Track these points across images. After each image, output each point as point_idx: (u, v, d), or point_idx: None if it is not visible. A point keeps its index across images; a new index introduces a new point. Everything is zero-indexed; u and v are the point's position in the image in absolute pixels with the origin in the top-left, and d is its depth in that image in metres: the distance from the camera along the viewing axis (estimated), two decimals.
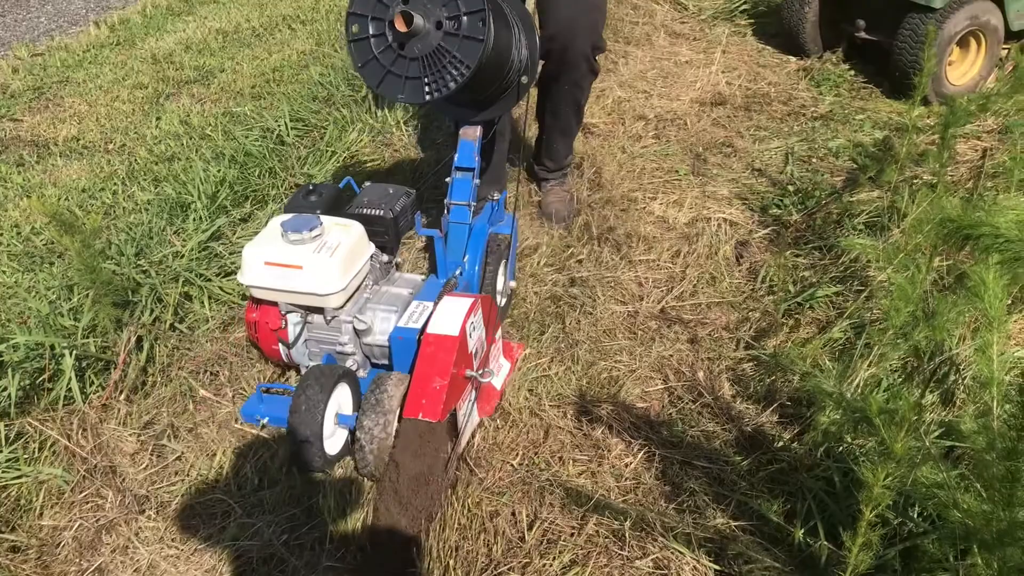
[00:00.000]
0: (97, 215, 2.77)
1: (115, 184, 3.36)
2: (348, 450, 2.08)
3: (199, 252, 2.84)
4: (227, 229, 2.97)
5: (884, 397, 2.04)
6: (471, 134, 2.34)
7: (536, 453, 2.10)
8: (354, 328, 2.16)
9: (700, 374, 2.34)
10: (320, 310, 2.15)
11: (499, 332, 2.32)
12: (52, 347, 2.29)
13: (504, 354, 2.35)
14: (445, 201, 2.35)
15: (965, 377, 2.09)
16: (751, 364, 2.38)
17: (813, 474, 1.93)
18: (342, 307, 2.15)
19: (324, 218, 2.15)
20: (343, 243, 2.09)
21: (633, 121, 3.95)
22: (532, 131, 3.35)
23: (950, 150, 2.67)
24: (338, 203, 2.31)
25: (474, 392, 2.10)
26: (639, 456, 2.07)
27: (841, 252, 2.72)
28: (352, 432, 2.00)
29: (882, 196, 3.00)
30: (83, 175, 3.50)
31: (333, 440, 2.02)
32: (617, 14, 5.03)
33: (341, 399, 2.05)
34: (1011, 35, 4.06)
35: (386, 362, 2.19)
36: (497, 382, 2.27)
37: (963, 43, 3.96)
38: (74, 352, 2.27)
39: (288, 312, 2.18)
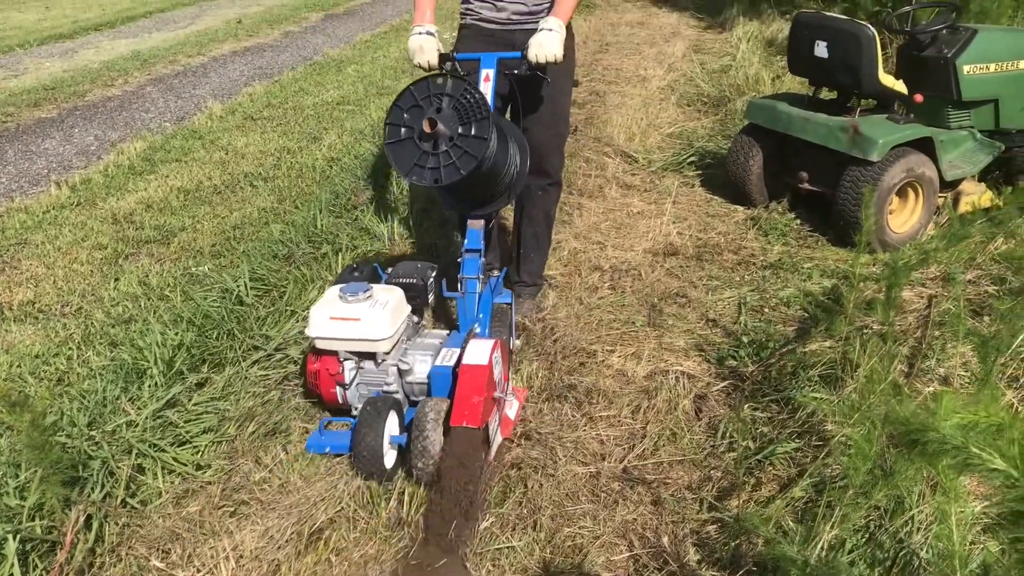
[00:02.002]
0: (49, 387, 2.73)
1: (70, 349, 3.33)
2: (399, 464, 2.63)
3: (153, 421, 2.79)
4: (183, 396, 2.93)
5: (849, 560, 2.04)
6: (477, 224, 2.99)
7: None
8: (398, 369, 2.76)
9: (665, 539, 2.32)
10: (372, 356, 2.76)
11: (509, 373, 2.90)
12: None
13: (515, 395, 2.94)
14: (458, 276, 2.95)
15: (927, 539, 2.09)
16: (715, 527, 2.35)
17: None
18: (389, 352, 2.76)
19: (372, 284, 2.82)
20: (390, 301, 2.77)
21: (589, 272, 4.04)
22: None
23: (895, 307, 2.74)
24: (375, 278, 3.00)
25: (498, 414, 2.66)
26: None
27: (798, 406, 2.75)
28: (406, 447, 2.57)
29: (834, 347, 3.06)
30: (37, 340, 3.46)
31: (388, 457, 2.58)
32: (570, 167, 5.20)
33: (392, 424, 2.62)
34: (946, 185, 4.27)
35: (424, 398, 2.69)
36: (511, 412, 2.82)
37: (902, 193, 4.15)
38: (18, 535, 2.19)
39: (345, 359, 2.74)
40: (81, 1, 12.76)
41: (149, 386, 2.96)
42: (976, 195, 4.34)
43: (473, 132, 2.58)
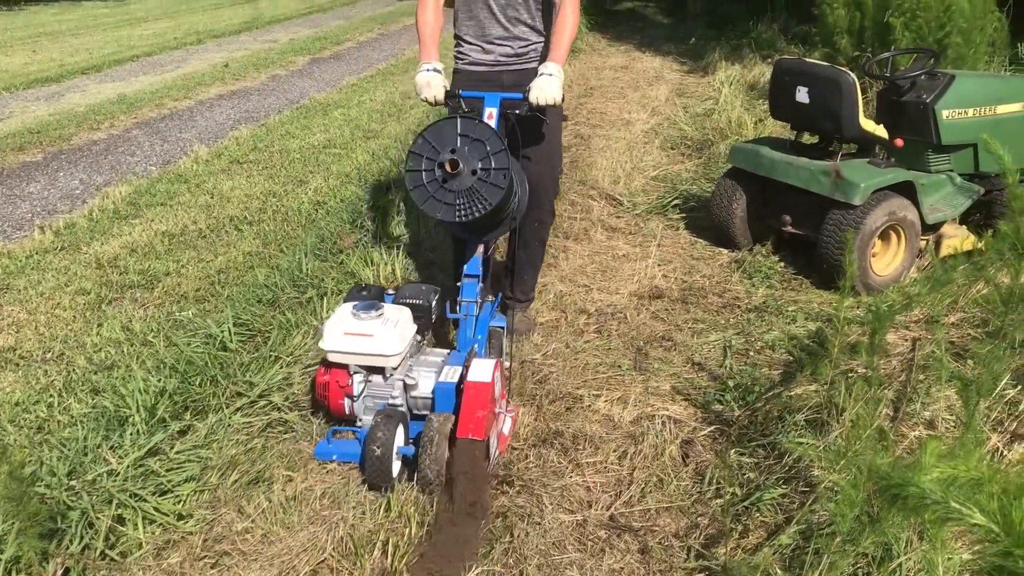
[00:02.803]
0: (28, 435, 2.69)
1: (51, 396, 3.29)
2: (402, 473, 2.78)
3: (135, 470, 2.75)
4: (165, 444, 2.90)
5: None
6: (478, 251, 3.20)
7: None
8: (404, 384, 2.93)
9: None
10: (381, 371, 2.93)
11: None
12: None
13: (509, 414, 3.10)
14: (458, 299, 3.16)
15: None
16: (703, 575, 2.33)
17: None
18: (397, 368, 2.95)
19: (382, 304, 3.00)
20: (400, 319, 2.95)
21: (575, 315, 4.04)
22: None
23: (879, 351, 2.75)
24: (381, 298, 3.17)
25: (497, 428, 2.86)
26: None
27: (784, 451, 2.74)
28: (413, 457, 2.71)
29: (820, 391, 3.07)
30: (17, 387, 3.42)
31: (395, 466, 2.71)
32: (557, 210, 5.22)
33: (399, 436, 2.76)
34: (928, 228, 4.31)
35: (427, 412, 2.88)
36: (506, 429, 3.00)
37: (884, 236, 4.18)
38: None
39: (355, 373, 2.93)
40: (68, 45, 12.83)
41: (131, 434, 2.93)
42: (958, 238, 4.38)
43: (494, 165, 2.83)
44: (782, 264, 4.54)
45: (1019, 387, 3.01)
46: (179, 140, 7.33)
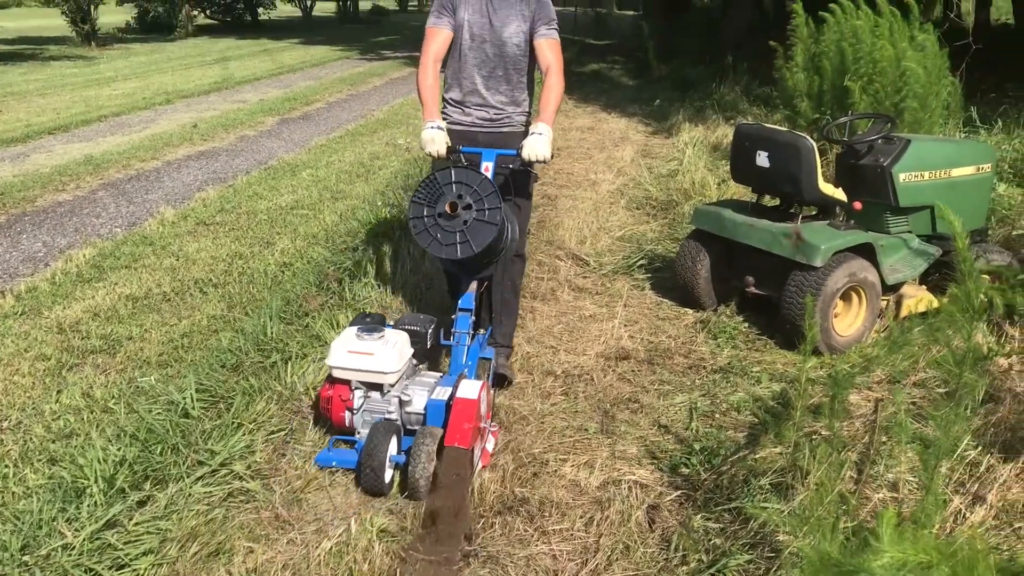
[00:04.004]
0: None
1: (6, 467, 3.21)
2: (394, 480, 3.10)
3: (91, 543, 2.69)
4: (123, 516, 2.84)
5: None
6: (472, 287, 3.55)
7: None
8: (400, 400, 3.25)
9: None
10: (379, 387, 3.29)
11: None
12: None
13: (491, 434, 3.41)
14: (452, 329, 3.49)
15: None
16: None
17: None
18: (394, 385, 3.29)
19: (384, 328, 3.33)
20: (399, 341, 3.32)
21: (542, 378, 4.04)
22: None
23: (841, 414, 2.78)
24: (383, 324, 3.40)
25: (481, 443, 3.16)
26: None
27: (750, 515, 2.74)
28: (403, 466, 3.04)
29: (784, 453, 3.08)
30: None
31: (388, 473, 3.03)
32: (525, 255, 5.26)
33: (393, 446, 3.07)
34: (888, 288, 4.38)
35: (419, 427, 3.13)
36: (489, 446, 3.31)
37: (846, 297, 4.25)
38: None
39: (356, 388, 3.27)
40: (35, 105, 12.80)
41: (88, 505, 2.86)
42: (917, 298, 4.46)
43: (487, 207, 3.22)
44: (746, 324, 4.58)
45: (979, 447, 3.05)
46: (145, 201, 7.29)
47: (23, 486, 3.08)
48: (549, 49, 3.74)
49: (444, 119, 3.83)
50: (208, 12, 32.07)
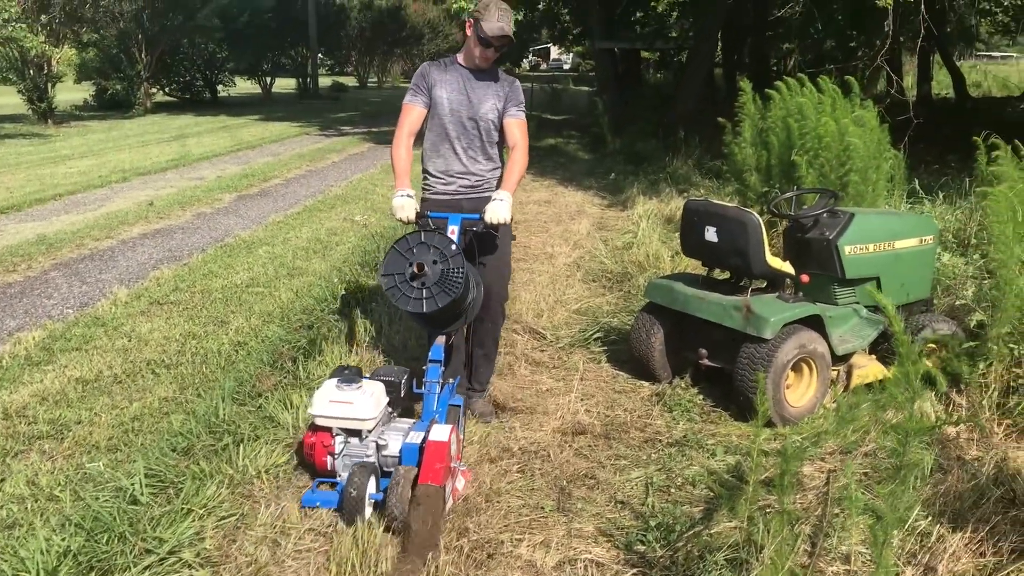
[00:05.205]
0: None
1: None
2: (374, 515, 3.35)
3: None
4: None
5: None
6: (440, 340, 3.83)
7: None
8: (377, 444, 3.56)
9: None
10: (358, 433, 3.60)
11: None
12: None
13: (462, 474, 3.69)
14: (424, 379, 3.76)
15: None
16: None
17: None
18: (372, 431, 3.61)
19: (361, 378, 3.62)
20: (376, 391, 3.63)
21: (499, 455, 4.02)
22: None
23: (791, 489, 2.80)
24: (360, 375, 3.66)
25: (451, 481, 3.44)
26: None
27: None
28: (382, 502, 3.34)
29: (739, 527, 3.08)
30: None
31: (367, 510, 3.32)
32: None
33: (371, 485, 3.36)
34: (838, 359, 4.46)
35: (395, 467, 3.40)
36: (459, 485, 3.59)
37: (797, 368, 4.31)
38: None
39: (337, 435, 3.58)
40: None
41: None
42: (867, 368, 4.54)
43: (452, 267, 3.54)
44: (701, 396, 4.62)
45: (929, 518, 3.08)
46: (99, 281, 7.22)
47: None
48: (517, 128, 4.17)
49: (427, 190, 4.28)
50: (167, 89, 32.20)
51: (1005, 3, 14.15)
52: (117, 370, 5.05)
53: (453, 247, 3.60)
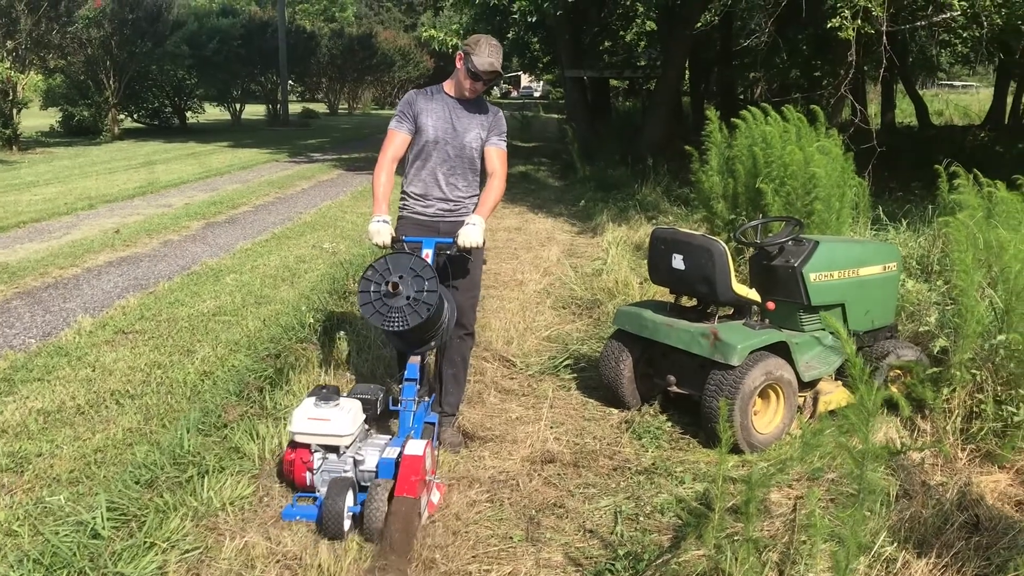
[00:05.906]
0: None
1: None
2: (351, 527, 3.45)
3: None
4: None
5: None
6: (415, 360, 3.94)
7: None
8: (354, 459, 3.69)
9: None
10: (335, 449, 3.70)
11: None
12: None
13: (437, 487, 3.79)
14: (400, 397, 3.89)
15: None
16: None
17: None
18: (349, 447, 3.70)
19: (339, 396, 3.76)
20: (352, 408, 3.77)
21: (468, 485, 4.00)
22: None
23: (757, 516, 2.80)
24: (338, 394, 3.79)
25: (427, 495, 3.56)
26: None
27: None
28: (359, 515, 3.43)
29: (707, 555, 3.08)
30: None
31: (346, 522, 3.41)
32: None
33: (349, 498, 3.45)
34: (805, 385, 4.49)
35: (372, 481, 3.54)
36: (435, 498, 3.71)
37: (764, 395, 4.34)
38: None
39: (316, 451, 3.69)
40: None
41: None
42: (834, 394, 4.58)
43: (426, 288, 3.68)
44: (670, 423, 4.63)
45: (895, 544, 3.10)
46: (63, 310, 7.11)
47: None
48: (497, 157, 4.35)
49: (405, 209, 4.42)
50: (135, 116, 31.96)
51: (964, 35, 14.46)
52: (80, 401, 4.97)
53: (428, 269, 3.75)
